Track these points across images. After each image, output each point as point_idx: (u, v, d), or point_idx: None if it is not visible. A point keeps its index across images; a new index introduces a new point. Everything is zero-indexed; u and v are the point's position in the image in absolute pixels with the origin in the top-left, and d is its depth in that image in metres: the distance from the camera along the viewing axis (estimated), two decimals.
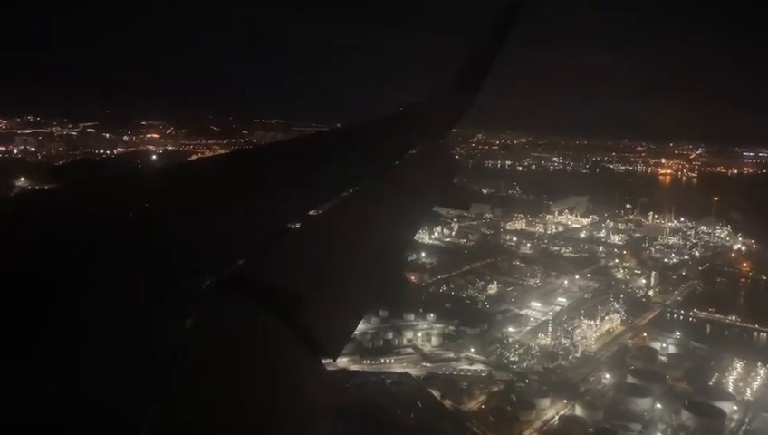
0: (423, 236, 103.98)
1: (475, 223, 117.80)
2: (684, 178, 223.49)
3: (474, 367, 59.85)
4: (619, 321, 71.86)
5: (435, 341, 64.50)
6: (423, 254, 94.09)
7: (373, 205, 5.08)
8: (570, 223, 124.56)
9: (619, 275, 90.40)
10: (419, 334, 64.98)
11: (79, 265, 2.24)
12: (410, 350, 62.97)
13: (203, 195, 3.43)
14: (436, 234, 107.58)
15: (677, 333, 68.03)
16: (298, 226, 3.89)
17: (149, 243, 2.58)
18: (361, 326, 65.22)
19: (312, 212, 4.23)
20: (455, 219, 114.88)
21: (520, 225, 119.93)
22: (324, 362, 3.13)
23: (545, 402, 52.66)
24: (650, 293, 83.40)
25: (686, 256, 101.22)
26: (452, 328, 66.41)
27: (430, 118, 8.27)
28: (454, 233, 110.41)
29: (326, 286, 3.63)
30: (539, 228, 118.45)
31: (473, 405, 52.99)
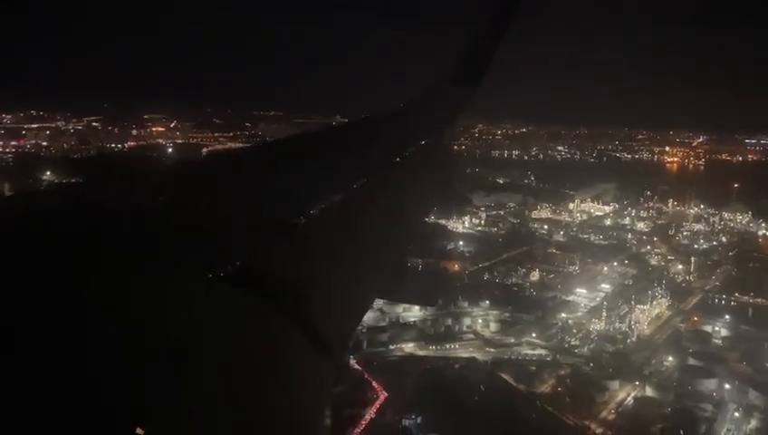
0: (457, 226, 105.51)
1: (501, 212, 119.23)
2: (691, 165, 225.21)
3: (536, 352, 61.23)
4: (665, 306, 73.37)
5: (493, 326, 65.81)
6: (461, 242, 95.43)
7: (376, 200, 5.14)
8: (593, 211, 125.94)
9: (654, 262, 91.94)
10: (479, 320, 66.27)
11: (86, 259, 2.28)
12: (471, 335, 64.25)
13: (209, 190, 3.53)
14: (467, 223, 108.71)
15: (726, 317, 69.49)
16: (302, 220, 3.94)
17: (158, 236, 2.64)
18: (419, 313, 66.54)
19: (315, 207, 4.26)
20: (482, 208, 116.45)
21: (545, 213, 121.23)
22: (330, 353, 3.13)
23: (614, 384, 54.09)
24: (689, 278, 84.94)
25: (714, 243, 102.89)
26: (507, 314, 67.73)
27: (431, 114, 8.33)
28: (483, 222, 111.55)
29: (330, 281, 3.67)
30: (565, 217, 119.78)
31: (544, 388, 54.37)
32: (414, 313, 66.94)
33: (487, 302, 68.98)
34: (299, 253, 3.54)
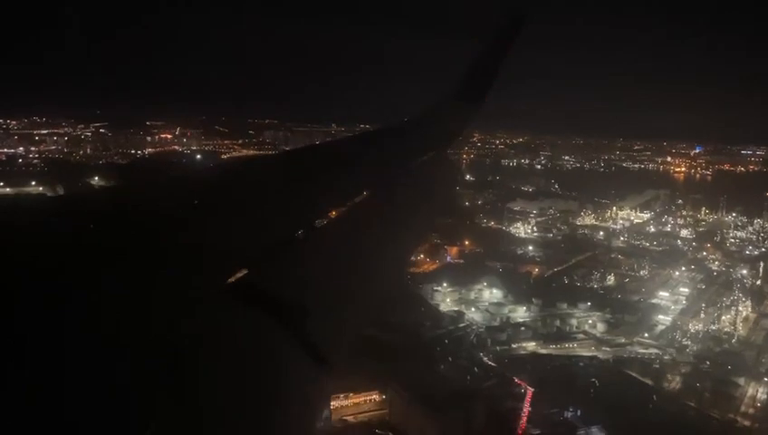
0: (518, 231, 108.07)
1: (546, 219, 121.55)
2: (698, 175, 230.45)
3: (649, 351, 63.45)
4: (749, 308, 76.26)
5: (600, 327, 67.91)
6: (529, 247, 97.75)
7: (377, 215, 5.21)
8: (632, 218, 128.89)
9: (715, 267, 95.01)
10: (588, 321, 68.39)
11: (86, 267, 2.26)
12: (582, 335, 66.27)
13: (208, 203, 3.54)
14: (524, 229, 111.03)
15: None
16: (304, 234, 3.99)
17: (157, 248, 2.64)
18: (524, 314, 68.53)
19: (317, 221, 4.32)
20: (530, 216, 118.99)
21: (588, 220, 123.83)
22: (325, 369, 3.15)
23: (741, 380, 56.46)
24: (757, 283, 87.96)
25: (763, 249, 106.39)
26: (609, 316, 69.93)
27: (434, 129, 8.34)
28: (535, 228, 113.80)
29: (330, 295, 3.68)
30: (610, 223, 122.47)
31: (674, 385, 56.53)
32: (520, 313, 68.99)
33: (588, 303, 71.06)
34: (297, 266, 3.63)
